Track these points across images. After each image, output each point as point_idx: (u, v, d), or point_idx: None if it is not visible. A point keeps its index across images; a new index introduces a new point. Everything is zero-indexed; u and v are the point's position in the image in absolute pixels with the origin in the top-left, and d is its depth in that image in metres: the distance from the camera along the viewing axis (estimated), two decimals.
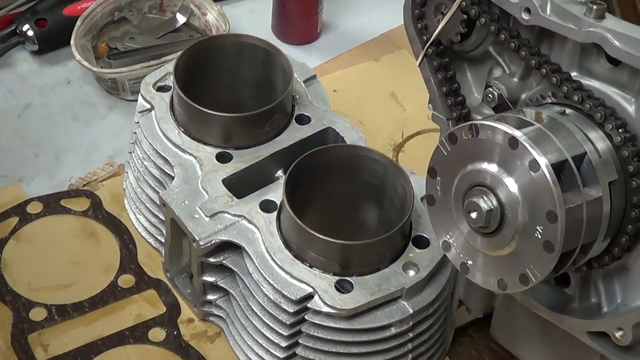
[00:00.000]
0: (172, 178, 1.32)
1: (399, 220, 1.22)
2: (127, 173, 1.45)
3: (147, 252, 1.42)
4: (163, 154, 1.33)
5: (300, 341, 1.22)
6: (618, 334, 1.08)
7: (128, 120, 1.55)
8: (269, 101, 1.34)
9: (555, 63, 1.07)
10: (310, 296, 1.20)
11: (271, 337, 1.23)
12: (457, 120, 1.19)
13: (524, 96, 1.12)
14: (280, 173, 1.33)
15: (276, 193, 1.28)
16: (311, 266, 1.21)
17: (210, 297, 1.32)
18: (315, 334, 1.21)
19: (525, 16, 1.07)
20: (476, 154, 1.01)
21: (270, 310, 1.22)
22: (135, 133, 1.39)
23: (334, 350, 1.21)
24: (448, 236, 1.07)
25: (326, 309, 1.19)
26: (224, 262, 1.27)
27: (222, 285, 1.29)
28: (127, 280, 1.39)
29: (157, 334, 1.34)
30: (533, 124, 1.00)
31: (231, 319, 1.31)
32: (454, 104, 1.19)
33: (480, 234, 1.03)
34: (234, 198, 1.28)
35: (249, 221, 1.25)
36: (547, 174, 0.95)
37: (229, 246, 1.26)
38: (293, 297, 1.19)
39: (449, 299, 1.27)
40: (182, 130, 1.34)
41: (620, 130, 1.01)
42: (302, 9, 1.74)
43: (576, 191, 0.98)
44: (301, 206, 1.24)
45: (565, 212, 0.96)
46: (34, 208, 1.45)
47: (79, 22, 1.65)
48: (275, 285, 1.21)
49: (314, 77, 1.43)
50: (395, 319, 1.20)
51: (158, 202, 1.33)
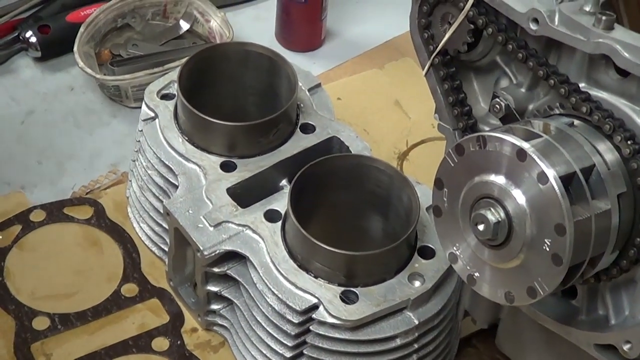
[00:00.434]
0: (176, 187, 1.31)
1: (404, 231, 1.22)
2: (130, 181, 1.44)
3: (151, 261, 1.41)
4: (167, 162, 1.32)
5: (305, 352, 1.22)
6: (626, 347, 1.07)
7: (131, 128, 1.55)
8: (273, 110, 1.33)
9: (563, 74, 1.07)
10: (315, 307, 1.19)
11: (275, 347, 1.23)
12: (464, 130, 1.19)
13: (531, 107, 1.12)
14: (284, 182, 1.32)
15: (281, 202, 1.27)
16: (316, 276, 1.21)
17: (214, 306, 1.31)
18: (320, 344, 1.20)
19: (533, 26, 1.06)
20: (484, 166, 1.00)
21: (274, 321, 1.21)
22: (139, 141, 1.38)
23: None
24: (455, 248, 1.06)
25: (331, 319, 1.18)
26: (228, 272, 1.26)
27: (226, 295, 1.29)
28: (130, 289, 1.38)
29: (161, 343, 1.33)
30: (541, 136, 0.99)
31: (235, 329, 1.30)
32: (461, 114, 1.18)
33: (488, 246, 1.02)
34: (239, 207, 1.27)
35: (254, 231, 1.25)
36: (556, 187, 0.95)
37: (233, 256, 1.26)
38: (298, 308, 1.19)
39: (454, 309, 1.27)
40: (186, 138, 1.33)
41: (629, 142, 1.01)
42: (306, 16, 1.73)
43: (585, 204, 0.97)
44: (306, 216, 1.24)
45: (573, 225, 0.95)
46: (37, 216, 1.45)
47: (82, 29, 1.64)
48: (279, 295, 1.20)
49: (318, 85, 1.42)
50: (400, 330, 1.19)
51: (162, 211, 1.32)
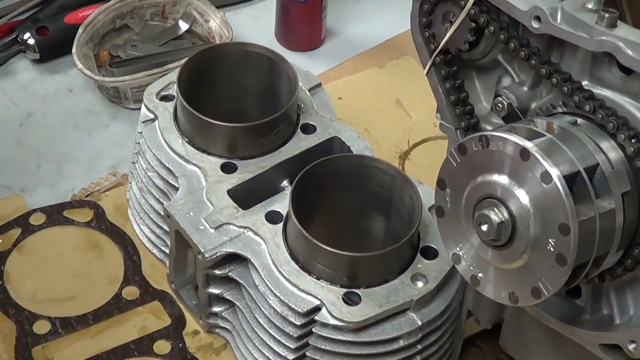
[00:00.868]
0: (176, 189, 1.30)
1: (406, 231, 1.21)
2: (130, 183, 1.43)
3: (152, 264, 1.41)
4: (167, 164, 1.31)
5: (308, 354, 1.21)
6: (631, 346, 1.06)
7: (131, 129, 1.54)
8: (273, 110, 1.32)
9: (566, 72, 1.06)
10: (317, 309, 1.18)
11: (278, 350, 1.22)
12: (466, 129, 1.18)
13: (534, 105, 1.11)
14: (285, 183, 1.32)
15: (282, 204, 1.27)
16: (318, 278, 1.20)
17: (216, 309, 1.31)
18: (323, 346, 1.19)
19: (535, 24, 1.05)
20: (486, 166, 0.99)
21: (276, 323, 1.20)
22: (139, 143, 1.37)
23: None
24: (458, 248, 1.05)
25: (334, 321, 1.17)
26: (230, 274, 1.25)
27: (228, 297, 1.28)
28: (131, 292, 1.37)
29: (162, 346, 1.32)
30: (544, 135, 0.99)
31: (237, 331, 1.29)
32: (462, 113, 1.18)
33: (491, 246, 1.01)
34: (239, 209, 1.26)
35: (255, 232, 1.24)
36: (560, 186, 0.94)
37: (234, 258, 1.25)
38: (300, 310, 1.18)
39: (457, 310, 1.26)
40: (186, 140, 1.33)
41: (633, 141, 1.00)
42: (306, 16, 1.72)
43: (589, 203, 0.96)
44: (307, 217, 1.23)
45: (578, 225, 0.94)
46: (36, 219, 1.44)
47: (80, 30, 1.63)
48: (281, 297, 1.19)
49: (319, 85, 1.41)
50: (403, 331, 1.18)
51: (162, 213, 1.31)
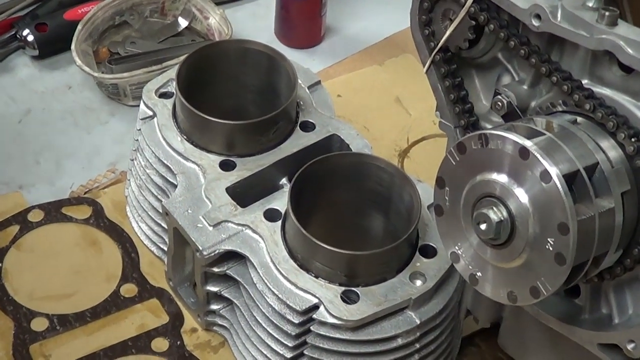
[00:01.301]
0: (175, 186, 1.30)
1: (405, 229, 1.20)
2: (129, 180, 1.43)
3: (150, 261, 1.40)
4: (166, 162, 1.31)
5: (306, 352, 1.20)
6: (630, 346, 1.05)
7: (130, 126, 1.54)
8: (273, 107, 1.32)
9: (566, 70, 1.05)
10: (315, 307, 1.18)
11: (276, 348, 1.21)
12: (465, 128, 1.17)
13: (533, 104, 1.10)
14: (284, 181, 1.31)
15: (280, 201, 1.26)
16: (317, 276, 1.19)
17: (214, 306, 1.30)
18: (321, 345, 1.19)
19: (535, 22, 1.05)
20: (486, 164, 0.99)
21: (275, 321, 1.20)
22: (137, 140, 1.37)
23: None
24: (457, 247, 1.05)
25: (332, 320, 1.17)
26: (228, 272, 1.25)
27: (226, 295, 1.27)
28: (129, 290, 1.37)
29: (160, 344, 1.32)
30: (544, 134, 0.98)
31: (235, 329, 1.29)
32: (462, 111, 1.17)
33: (490, 245, 1.01)
34: (238, 207, 1.26)
35: (253, 230, 1.23)
36: (559, 185, 0.93)
37: (233, 256, 1.24)
38: (298, 308, 1.17)
39: (456, 308, 1.25)
40: (185, 137, 1.32)
41: (633, 140, 0.99)
42: (305, 13, 1.72)
43: (588, 202, 0.96)
44: (306, 215, 1.23)
45: (577, 224, 0.94)
46: (35, 216, 1.43)
47: (79, 27, 1.63)
48: (280, 295, 1.19)
49: (318, 82, 1.41)
50: (402, 329, 1.18)
51: (161, 211, 1.31)
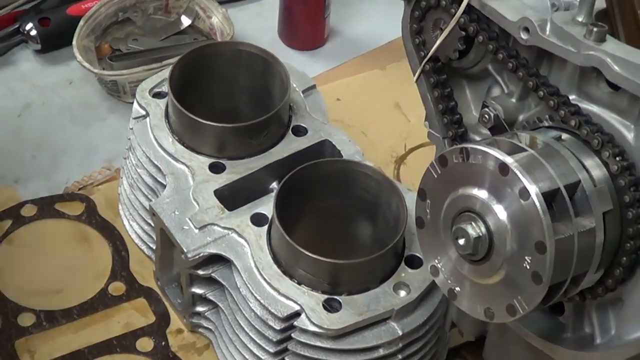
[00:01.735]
0: (165, 187, 1.30)
1: (392, 239, 1.19)
2: (122, 178, 1.43)
3: (140, 260, 1.40)
4: (155, 162, 1.31)
5: (287, 359, 1.20)
6: None
7: (128, 124, 1.53)
8: (266, 110, 1.31)
9: (553, 85, 1.04)
10: (297, 314, 1.17)
11: (258, 353, 1.21)
12: (453, 139, 1.16)
13: (521, 117, 1.09)
14: (274, 185, 1.31)
15: (268, 206, 1.25)
16: (300, 283, 1.19)
17: (200, 308, 1.30)
18: (302, 352, 1.18)
19: (523, 36, 1.03)
20: (466, 179, 0.98)
21: (257, 327, 1.20)
22: (130, 139, 1.37)
23: None
24: (436, 261, 1.04)
25: (312, 327, 1.16)
26: (213, 274, 1.24)
27: (211, 298, 1.27)
28: (117, 288, 1.37)
29: (145, 344, 1.32)
30: (526, 150, 0.97)
31: (220, 332, 1.29)
32: (450, 122, 1.16)
33: (468, 261, 0.99)
34: (225, 210, 1.25)
35: (239, 234, 1.23)
36: (537, 203, 0.92)
37: (218, 259, 1.24)
38: (279, 315, 1.17)
39: (441, 320, 1.24)
40: (176, 138, 1.32)
41: (617, 159, 0.98)
42: (308, 15, 1.71)
43: (568, 221, 0.94)
44: (293, 221, 1.22)
45: (555, 243, 0.92)
46: (28, 211, 1.44)
47: (81, 22, 1.63)
48: (262, 301, 1.18)
49: (313, 87, 1.40)
50: (383, 340, 1.17)
51: None
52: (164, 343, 1.32)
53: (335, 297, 1.18)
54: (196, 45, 1.36)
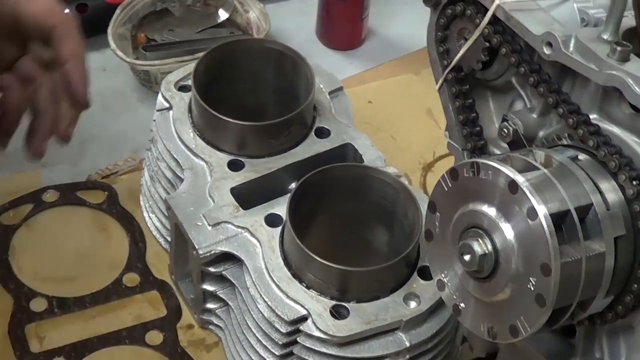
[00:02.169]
0: (183, 181, 1.29)
1: (406, 248, 1.18)
2: (144, 170, 1.43)
3: (156, 252, 1.40)
4: (175, 155, 1.30)
5: None
6: None
7: None
8: (291, 110, 1.30)
9: (574, 103, 1.01)
10: (303, 318, 1.16)
11: (264, 355, 1.20)
12: (472, 151, 1.14)
13: (541, 134, 1.06)
14: (293, 186, 1.29)
15: (284, 207, 1.23)
16: (308, 287, 1.17)
17: (211, 305, 1.29)
18: (307, 357, 1.17)
19: (546, 50, 1.00)
20: (476, 194, 0.95)
21: (264, 328, 1.18)
22: (152, 131, 1.37)
23: None
24: (443, 275, 1.02)
25: (318, 333, 1.14)
26: (224, 273, 1.23)
27: (222, 295, 1.26)
28: (132, 279, 1.37)
29: (155, 337, 1.31)
30: (539, 169, 0.94)
31: (229, 331, 1.28)
32: (470, 134, 1.14)
33: (474, 277, 0.97)
34: (240, 209, 1.24)
35: (252, 234, 1.22)
36: (545, 224, 0.89)
37: (230, 257, 1.23)
38: (286, 318, 1.16)
39: (452, 334, 1.22)
40: (198, 133, 1.31)
41: (634, 183, 0.94)
42: (346, 15, 1.69)
43: (576, 244, 0.92)
44: (306, 224, 1.21)
45: (560, 266, 0.90)
46: (49, 197, 1.44)
47: (118, 10, 1.63)
48: (269, 303, 1.17)
49: (340, 89, 1.38)
50: (390, 350, 1.15)
51: None
52: (173, 338, 1.31)
53: (344, 303, 1.16)
54: (219, 43, 1.35)
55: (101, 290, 1.35)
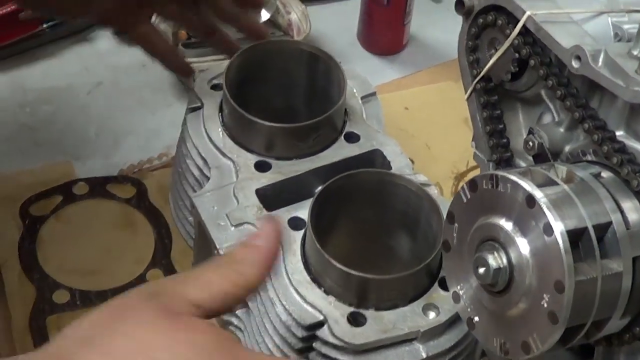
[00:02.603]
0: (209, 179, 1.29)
1: (427, 257, 1.16)
2: (174, 166, 1.43)
3: (182, 249, 1.40)
4: (203, 154, 1.30)
5: None
6: None
7: None
8: (322, 113, 1.29)
9: (601, 119, 0.99)
10: (320, 324, 1.15)
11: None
12: (498, 163, 1.12)
13: (567, 148, 1.04)
14: (319, 190, 1.28)
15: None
16: (327, 293, 1.16)
17: None
18: None
19: (575, 64, 0.98)
20: (494, 207, 0.94)
21: (280, 332, 1.18)
22: (183, 128, 1.37)
23: None
24: (459, 287, 1.00)
25: (333, 340, 1.13)
26: None
27: None
28: (155, 275, 1.37)
29: None
30: (558, 184, 0.92)
31: (248, 332, 1.27)
32: (496, 145, 1.12)
33: (488, 291, 0.95)
34: (264, 210, 1.23)
35: None
36: (560, 241, 0.87)
37: None
38: (303, 323, 1.15)
39: (471, 347, 1.20)
40: (227, 133, 1.31)
41: None
42: (388, 20, 1.68)
43: (593, 262, 0.90)
44: (329, 229, 1.20)
45: (574, 284, 0.88)
46: (79, 189, 1.45)
47: None
48: (287, 306, 1.16)
49: (373, 94, 1.37)
50: None
51: None
52: None
53: (362, 311, 1.15)
54: (253, 43, 1.35)
55: (124, 285, 1.35)
